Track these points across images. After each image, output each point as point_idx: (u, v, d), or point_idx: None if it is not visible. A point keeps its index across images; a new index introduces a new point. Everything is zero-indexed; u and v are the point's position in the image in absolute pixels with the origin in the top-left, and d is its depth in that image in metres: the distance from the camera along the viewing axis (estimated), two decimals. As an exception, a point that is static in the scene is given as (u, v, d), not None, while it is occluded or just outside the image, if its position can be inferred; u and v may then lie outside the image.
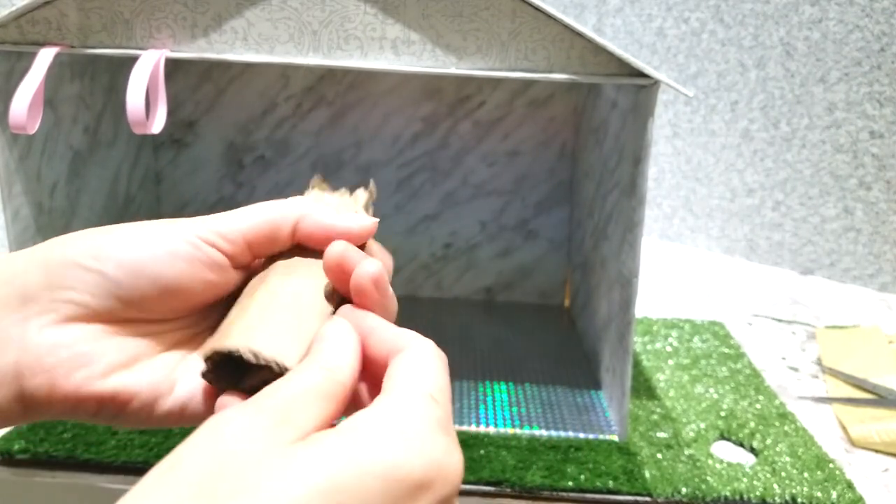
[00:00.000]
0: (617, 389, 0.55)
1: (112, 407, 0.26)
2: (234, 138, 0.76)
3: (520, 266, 0.78)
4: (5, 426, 0.26)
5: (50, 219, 0.56)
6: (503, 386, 0.61)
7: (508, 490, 0.49)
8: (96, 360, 0.26)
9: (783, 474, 0.51)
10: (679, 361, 0.67)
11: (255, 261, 0.30)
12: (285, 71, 0.73)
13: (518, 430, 0.54)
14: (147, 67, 0.46)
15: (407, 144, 0.75)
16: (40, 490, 0.50)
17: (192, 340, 0.29)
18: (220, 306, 0.29)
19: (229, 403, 0.25)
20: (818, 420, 0.60)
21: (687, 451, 0.53)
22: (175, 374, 0.28)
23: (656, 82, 0.47)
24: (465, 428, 0.54)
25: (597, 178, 0.64)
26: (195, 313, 0.29)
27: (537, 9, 0.45)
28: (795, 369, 0.69)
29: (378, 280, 0.28)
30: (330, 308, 0.29)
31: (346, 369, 0.24)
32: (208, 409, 0.27)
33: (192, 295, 0.28)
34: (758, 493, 0.49)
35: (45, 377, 0.25)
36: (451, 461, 0.21)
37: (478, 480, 0.49)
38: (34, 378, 0.25)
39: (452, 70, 0.47)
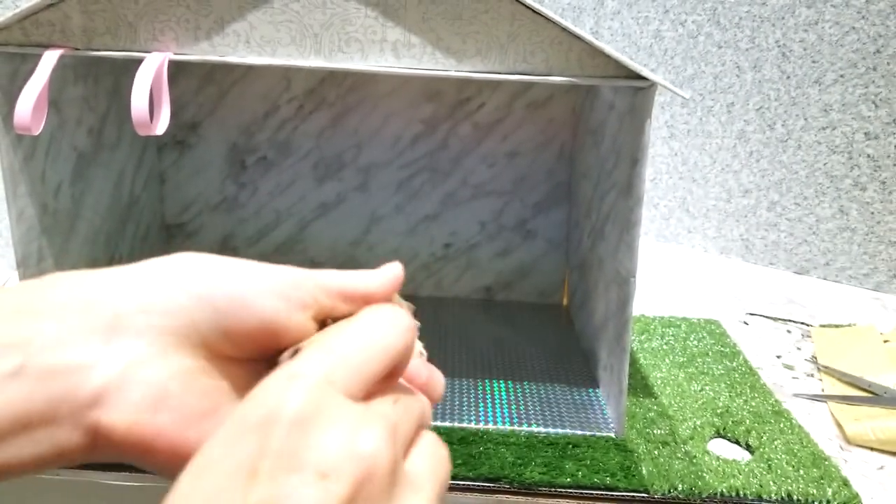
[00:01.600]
0: (614, 387, 0.55)
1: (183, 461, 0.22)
2: (237, 140, 0.76)
3: (519, 266, 0.79)
4: (64, 465, 0.24)
5: (54, 220, 0.56)
6: (502, 384, 0.61)
7: (507, 486, 0.49)
8: (184, 404, 0.24)
9: (779, 471, 0.52)
10: (675, 359, 0.68)
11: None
12: (287, 73, 0.74)
13: (517, 428, 0.55)
14: (151, 69, 0.46)
15: (407, 146, 0.76)
16: (44, 487, 0.50)
17: None
18: None
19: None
20: (814, 418, 0.61)
21: (683, 448, 0.54)
22: None
23: (653, 84, 0.47)
24: (464, 425, 0.55)
25: (595, 178, 0.64)
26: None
27: (536, 12, 0.46)
28: (791, 367, 0.70)
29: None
30: None
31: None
32: None
33: (285, 334, 0.26)
34: (753, 490, 0.49)
35: (127, 412, 0.23)
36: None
37: (477, 477, 0.49)
38: (115, 410, 0.23)
39: (452, 72, 0.47)
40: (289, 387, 0.21)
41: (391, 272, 0.29)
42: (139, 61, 0.47)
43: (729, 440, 0.57)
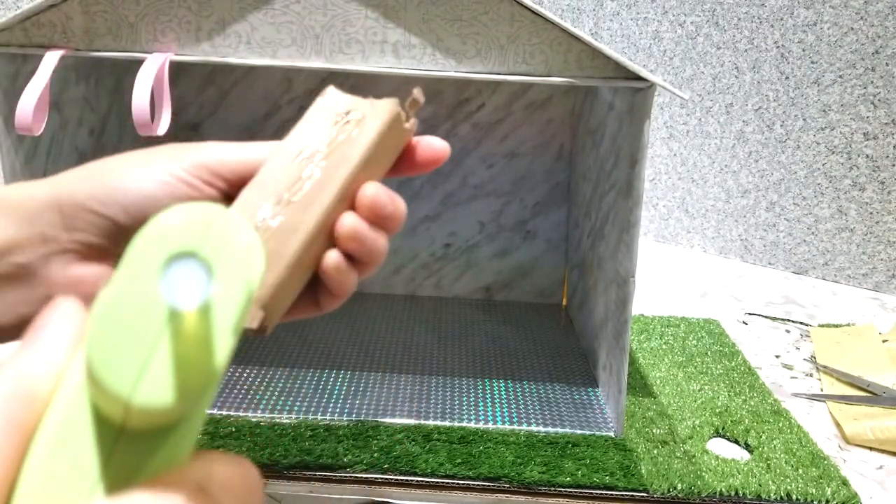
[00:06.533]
0: (613, 387, 0.56)
1: None
2: (238, 140, 0.76)
3: (518, 266, 0.79)
4: None
5: (55, 219, 0.56)
6: (502, 383, 0.62)
7: (507, 485, 0.49)
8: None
9: (778, 471, 0.52)
10: (674, 359, 0.68)
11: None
12: (288, 74, 0.74)
13: (516, 427, 0.55)
14: (152, 70, 0.46)
15: (406, 146, 0.76)
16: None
17: None
18: None
19: None
20: (812, 417, 0.61)
21: (682, 448, 0.54)
22: None
23: (652, 85, 0.47)
24: (464, 424, 0.55)
25: (594, 179, 0.64)
26: None
27: (535, 13, 0.46)
28: (790, 367, 0.70)
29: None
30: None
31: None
32: None
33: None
34: (753, 489, 0.50)
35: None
36: None
37: (477, 476, 0.49)
38: None
39: (452, 73, 0.48)
40: None
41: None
42: (140, 62, 0.47)
43: (728, 439, 0.57)
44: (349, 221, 0.28)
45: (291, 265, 0.27)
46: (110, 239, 0.28)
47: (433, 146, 0.31)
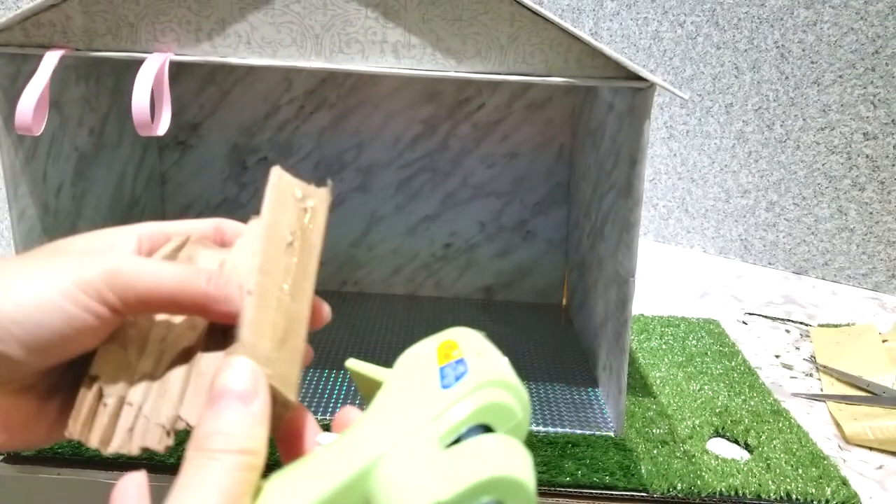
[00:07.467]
0: (613, 386, 0.56)
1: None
2: (238, 140, 0.76)
3: (518, 266, 0.79)
4: None
5: (55, 220, 0.56)
6: (502, 384, 0.61)
7: (507, 485, 0.49)
8: None
9: (778, 471, 0.52)
10: (674, 359, 0.68)
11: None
12: (288, 74, 0.74)
13: (517, 427, 0.55)
14: (152, 70, 0.46)
15: (407, 146, 0.76)
16: (45, 487, 0.50)
17: (59, 384, 0.29)
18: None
19: None
20: (812, 417, 0.61)
21: (682, 448, 0.54)
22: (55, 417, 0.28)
23: (652, 85, 0.47)
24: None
25: (594, 179, 0.65)
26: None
27: (535, 13, 0.46)
28: (790, 367, 0.70)
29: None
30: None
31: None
32: None
33: (80, 350, 0.27)
34: (752, 489, 0.50)
35: None
36: None
37: (477, 476, 0.49)
38: None
39: (452, 73, 0.48)
40: None
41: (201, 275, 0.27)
42: (140, 62, 0.47)
43: (728, 439, 0.57)
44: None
45: (302, 355, 0.29)
46: (3, 373, 0.26)
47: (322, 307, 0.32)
